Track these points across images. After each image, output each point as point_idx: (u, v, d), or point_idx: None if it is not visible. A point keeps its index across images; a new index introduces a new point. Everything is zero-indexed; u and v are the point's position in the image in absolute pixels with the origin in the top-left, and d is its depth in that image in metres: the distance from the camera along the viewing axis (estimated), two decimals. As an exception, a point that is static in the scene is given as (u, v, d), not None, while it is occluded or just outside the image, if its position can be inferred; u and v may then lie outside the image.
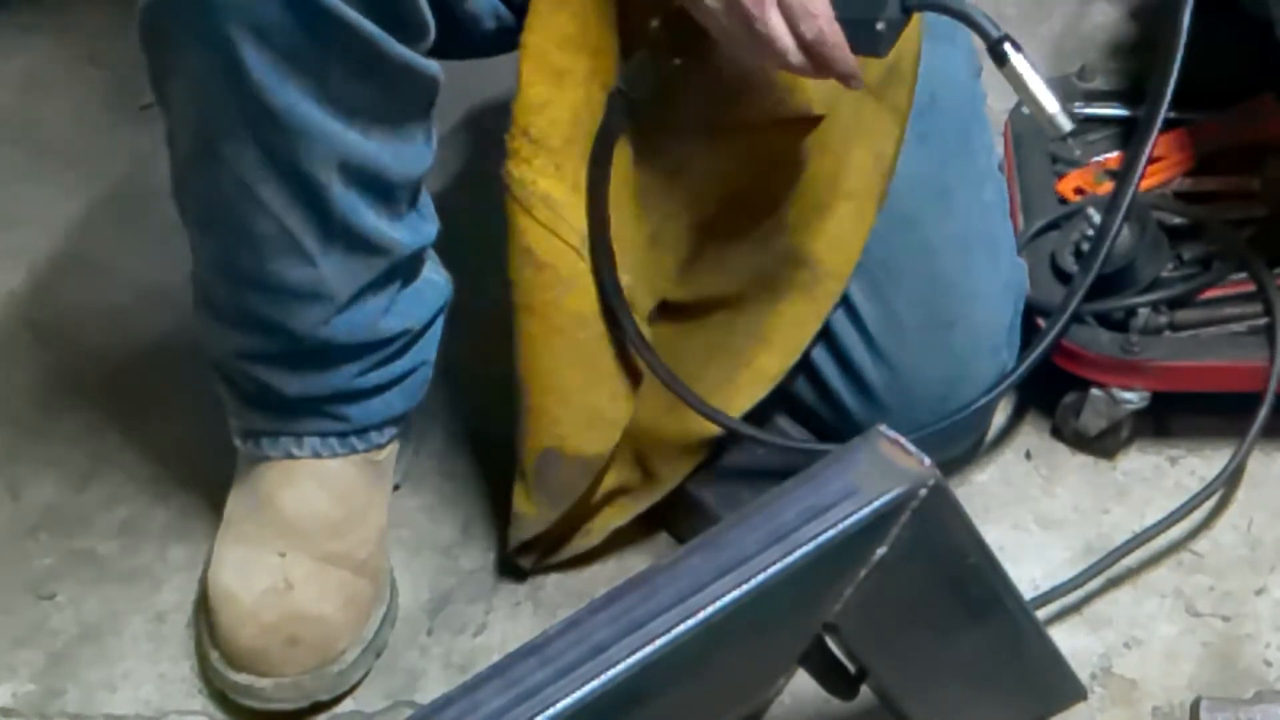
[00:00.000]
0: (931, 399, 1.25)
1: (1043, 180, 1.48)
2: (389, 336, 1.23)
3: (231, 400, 1.27)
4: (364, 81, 1.07)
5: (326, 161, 1.09)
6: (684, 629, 0.91)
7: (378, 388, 1.26)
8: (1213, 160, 1.45)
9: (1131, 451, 1.38)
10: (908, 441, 0.95)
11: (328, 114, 1.07)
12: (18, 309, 1.60)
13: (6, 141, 1.81)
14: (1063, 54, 1.75)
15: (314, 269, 1.15)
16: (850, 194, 1.23)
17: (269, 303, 1.18)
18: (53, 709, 1.25)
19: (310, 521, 1.25)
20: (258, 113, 1.05)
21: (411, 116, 1.14)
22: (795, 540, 0.95)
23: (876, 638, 1.02)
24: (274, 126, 1.06)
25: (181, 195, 1.17)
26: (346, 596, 1.23)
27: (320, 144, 1.08)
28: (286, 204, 1.11)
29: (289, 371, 1.22)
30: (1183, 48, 1.18)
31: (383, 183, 1.14)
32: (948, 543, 1.00)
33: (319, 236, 1.14)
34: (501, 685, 0.95)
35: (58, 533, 1.38)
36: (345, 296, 1.18)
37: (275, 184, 1.10)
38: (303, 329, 1.18)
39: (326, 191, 1.11)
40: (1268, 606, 1.26)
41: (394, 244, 1.18)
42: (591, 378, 1.19)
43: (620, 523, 1.30)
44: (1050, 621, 1.23)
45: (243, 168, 1.09)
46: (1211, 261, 1.38)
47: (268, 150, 1.08)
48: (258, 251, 1.14)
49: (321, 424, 1.26)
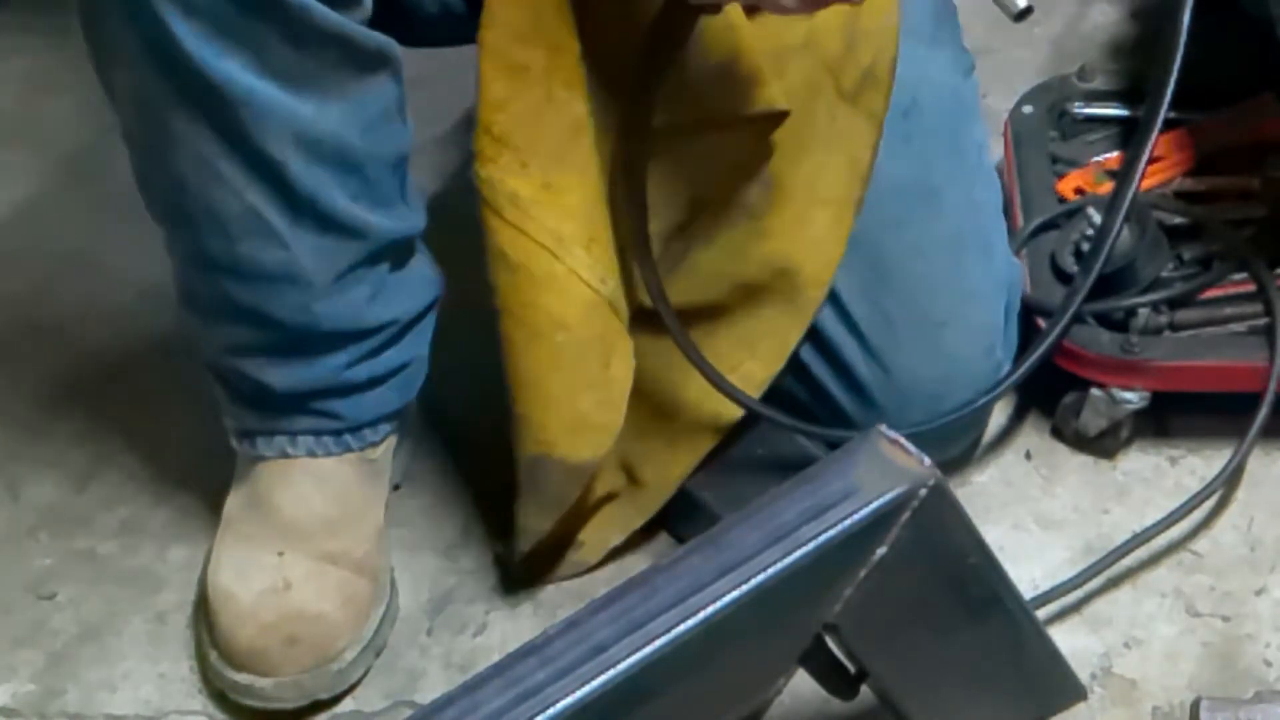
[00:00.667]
0: (925, 399, 1.25)
1: (1043, 180, 1.48)
2: (375, 326, 1.23)
3: (225, 400, 1.28)
4: (301, 51, 1.07)
5: (280, 135, 1.09)
6: (684, 629, 0.91)
7: (369, 382, 1.25)
8: (1213, 160, 1.45)
9: (1131, 451, 1.38)
10: (907, 441, 0.95)
11: (271, 85, 1.07)
12: (18, 309, 1.60)
13: (6, 141, 1.81)
14: (1063, 54, 1.75)
15: (286, 251, 1.14)
16: (827, 201, 1.23)
17: (245, 289, 1.17)
18: (53, 709, 1.25)
19: (307, 521, 1.25)
20: (201, 88, 1.06)
21: (371, 92, 1.14)
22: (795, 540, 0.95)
23: (876, 638, 1.02)
24: (219, 100, 1.06)
25: (146, 189, 1.17)
26: (345, 595, 1.23)
27: (269, 117, 1.08)
28: (247, 181, 1.11)
29: (275, 363, 1.22)
30: (1182, 47, 1.18)
31: (351, 161, 1.14)
32: (948, 543, 1.00)
33: (286, 216, 1.13)
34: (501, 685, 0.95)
35: (58, 533, 1.38)
36: (323, 281, 1.17)
37: (232, 160, 1.10)
38: (282, 314, 1.18)
39: (285, 167, 1.11)
40: (1268, 606, 1.26)
41: (370, 228, 1.18)
42: (574, 382, 1.17)
43: (616, 540, 1.30)
44: (1050, 621, 1.23)
45: (198, 144, 1.09)
46: (1211, 261, 1.38)
47: (219, 126, 1.08)
48: (226, 234, 1.14)
49: (314, 422, 1.26)
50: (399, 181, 1.21)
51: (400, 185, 1.21)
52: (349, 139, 1.13)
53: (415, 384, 1.31)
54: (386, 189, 1.19)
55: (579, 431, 1.19)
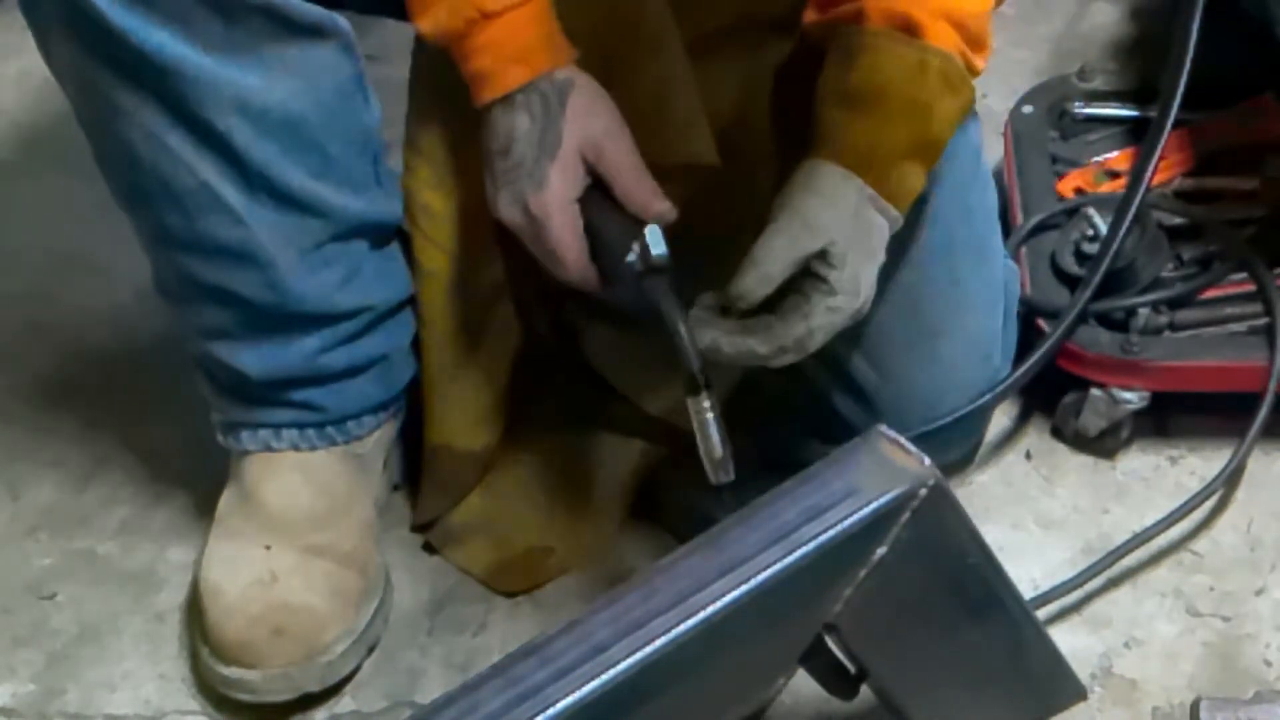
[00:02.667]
0: (922, 406, 1.25)
1: (1043, 180, 1.48)
2: (349, 311, 1.23)
3: (210, 392, 1.29)
4: (228, 21, 1.08)
5: (219, 105, 1.10)
6: (684, 629, 0.91)
7: (346, 371, 1.26)
8: (1213, 160, 1.45)
9: (1131, 451, 1.38)
10: (908, 441, 0.95)
11: (204, 55, 1.08)
12: (18, 310, 1.60)
13: (6, 141, 1.81)
14: (1063, 54, 1.75)
15: (244, 228, 1.16)
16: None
17: (209, 268, 1.18)
18: (53, 709, 1.25)
19: (293, 514, 1.25)
20: (135, 60, 1.07)
21: (317, 64, 1.14)
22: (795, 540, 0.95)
23: (876, 638, 1.02)
24: (155, 71, 1.08)
25: (107, 170, 1.18)
26: (332, 587, 1.23)
27: (207, 87, 1.09)
28: (196, 153, 1.12)
29: (247, 346, 1.22)
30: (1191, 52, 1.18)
31: (306, 137, 1.15)
32: (948, 543, 1.00)
33: (242, 191, 1.14)
34: (501, 685, 0.95)
35: (58, 533, 1.38)
36: (287, 260, 1.18)
37: (179, 131, 1.11)
38: (248, 293, 1.19)
39: (230, 138, 1.11)
40: (1268, 606, 1.26)
41: (332, 208, 1.19)
42: (477, 381, 1.24)
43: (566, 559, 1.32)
44: (1050, 621, 1.23)
45: (145, 117, 1.10)
46: (1211, 261, 1.38)
47: (161, 98, 1.09)
48: (184, 211, 1.15)
49: (296, 414, 1.26)
50: (369, 164, 1.21)
51: (373, 169, 1.22)
52: (300, 112, 1.14)
53: (400, 379, 1.31)
54: (354, 170, 1.20)
55: (457, 413, 1.27)
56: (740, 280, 1.06)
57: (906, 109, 1.09)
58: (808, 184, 1.08)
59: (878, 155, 1.09)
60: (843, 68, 1.10)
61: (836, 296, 1.07)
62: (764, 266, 1.06)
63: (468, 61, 1.10)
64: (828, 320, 1.07)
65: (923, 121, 1.09)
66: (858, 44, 1.09)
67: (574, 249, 1.11)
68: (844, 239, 1.07)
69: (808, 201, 1.07)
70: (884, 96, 1.08)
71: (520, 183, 1.10)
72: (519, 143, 1.09)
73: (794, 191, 1.08)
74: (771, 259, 1.06)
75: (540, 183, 1.09)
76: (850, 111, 1.09)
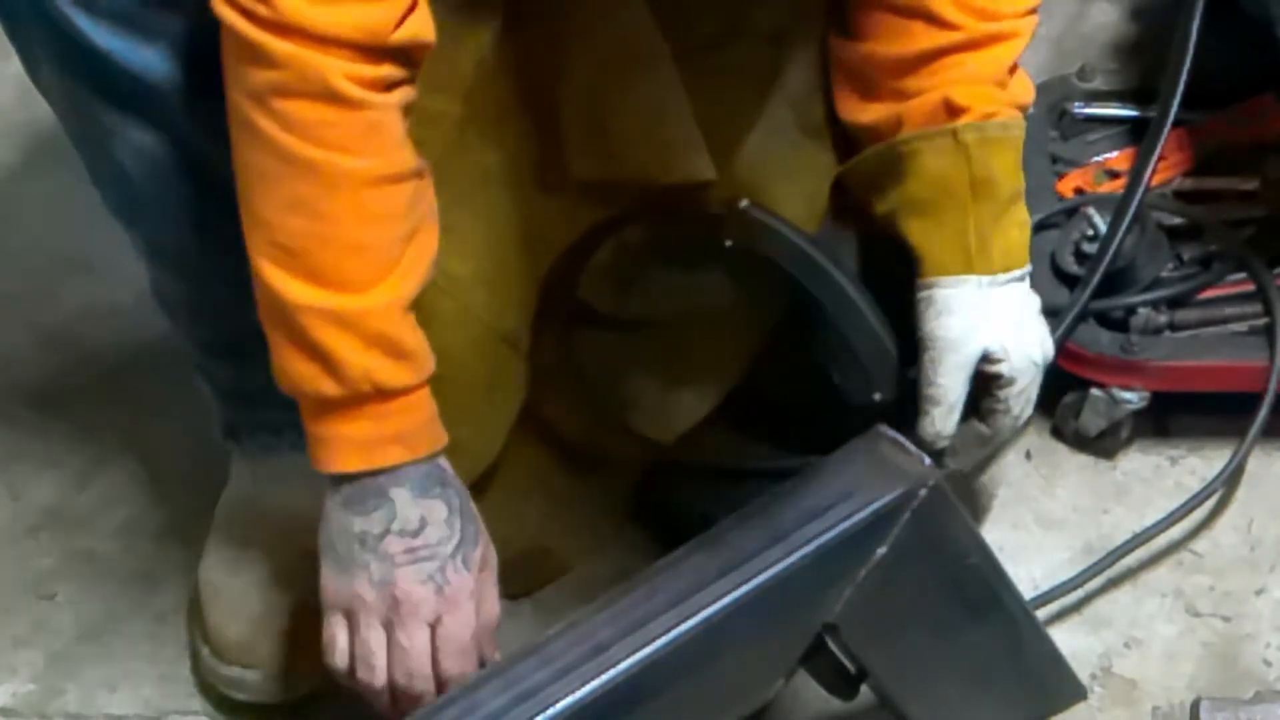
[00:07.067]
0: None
1: (1042, 180, 1.48)
2: None
3: (210, 395, 1.28)
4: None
5: (208, 124, 1.08)
6: (684, 629, 0.92)
7: None
8: (1213, 160, 1.45)
9: (1131, 451, 1.38)
10: (908, 442, 0.95)
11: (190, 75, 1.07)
12: (18, 310, 1.60)
13: (6, 141, 1.81)
14: (1063, 54, 1.75)
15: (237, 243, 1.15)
16: None
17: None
18: (53, 709, 1.25)
19: (294, 515, 1.25)
20: (120, 81, 1.06)
21: None
22: (795, 540, 0.95)
23: (876, 638, 1.02)
24: (142, 91, 1.07)
25: (99, 186, 1.17)
26: None
27: (194, 106, 1.08)
28: (185, 172, 1.11)
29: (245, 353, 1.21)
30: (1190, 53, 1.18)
31: None
32: (947, 543, 1.00)
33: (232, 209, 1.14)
34: (501, 685, 0.95)
35: (58, 533, 1.38)
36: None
37: (168, 150, 1.10)
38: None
39: (219, 157, 1.09)
40: (1268, 606, 1.26)
41: None
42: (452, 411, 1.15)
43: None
44: (1050, 621, 1.23)
45: (133, 136, 1.10)
46: (1211, 261, 1.38)
47: (148, 117, 1.09)
48: (177, 227, 1.15)
49: (296, 415, 1.26)
50: None
51: None
52: None
53: None
54: None
55: (452, 456, 1.16)
56: (927, 425, 1.11)
57: (971, 188, 1.12)
58: (931, 308, 1.12)
59: (971, 245, 1.12)
60: (894, 178, 1.13)
61: (1016, 382, 1.12)
62: (944, 403, 1.11)
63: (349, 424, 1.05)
64: (1026, 397, 1.14)
65: (989, 188, 1.12)
66: (896, 154, 1.13)
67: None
68: (991, 334, 1.11)
69: (943, 324, 1.11)
70: (945, 191, 1.11)
71: (437, 561, 1.04)
72: (434, 526, 1.04)
73: (925, 322, 1.12)
74: (943, 393, 1.11)
75: (461, 567, 1.04)
76: (924, 219, 1.12)
